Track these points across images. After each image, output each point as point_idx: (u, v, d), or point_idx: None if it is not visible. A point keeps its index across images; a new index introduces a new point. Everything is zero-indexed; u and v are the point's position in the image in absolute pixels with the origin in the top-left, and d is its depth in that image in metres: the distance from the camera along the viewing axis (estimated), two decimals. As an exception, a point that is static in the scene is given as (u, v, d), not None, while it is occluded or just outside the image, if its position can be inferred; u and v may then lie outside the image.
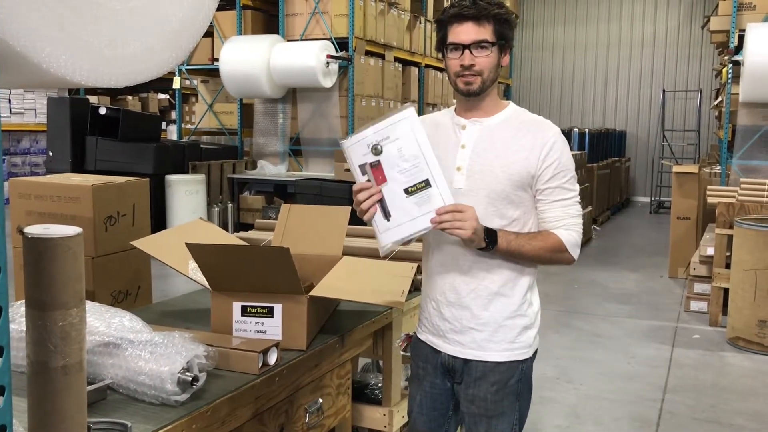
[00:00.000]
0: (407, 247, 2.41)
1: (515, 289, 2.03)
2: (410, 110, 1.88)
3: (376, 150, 1.85)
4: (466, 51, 1.95)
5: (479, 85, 1.98)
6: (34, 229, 1.26)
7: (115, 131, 8.47)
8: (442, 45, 2.02)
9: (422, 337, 2.20)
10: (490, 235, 1.93)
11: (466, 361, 2.07)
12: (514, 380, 2.06)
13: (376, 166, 1.86)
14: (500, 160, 1.98)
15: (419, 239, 2.10)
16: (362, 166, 1.86)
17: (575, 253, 2.02)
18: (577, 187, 2.05)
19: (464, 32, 1.95)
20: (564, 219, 2.00)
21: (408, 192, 1.85)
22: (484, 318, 2.03)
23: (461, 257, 2.03)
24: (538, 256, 2.00)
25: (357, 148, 1.87)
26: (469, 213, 1.87)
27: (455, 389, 2.14)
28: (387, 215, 1.86)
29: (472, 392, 2.07)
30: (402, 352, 2.94)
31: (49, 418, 1.31)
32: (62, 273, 1.26)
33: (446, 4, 12.26)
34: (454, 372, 2.11)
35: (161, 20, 1.79)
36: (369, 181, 1.86)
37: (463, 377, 2.09)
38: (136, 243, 2.38)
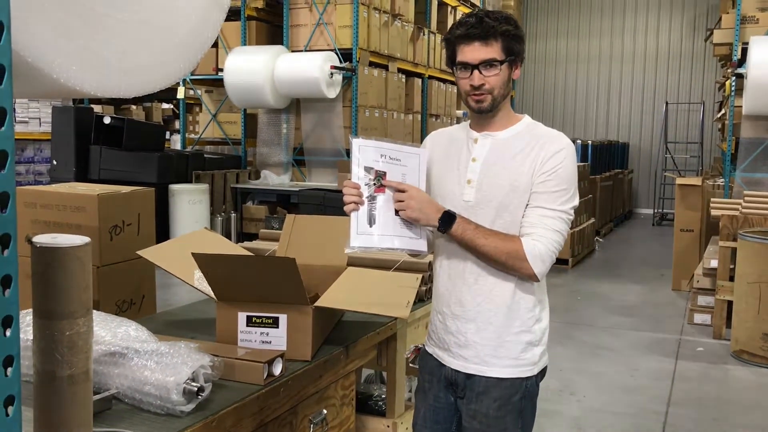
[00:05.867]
0: (412, 258, 2.41)
1: (521, 304, 2.00)
2: (425, 151, 2.05)
3: (388, 161, 1.95)
4: (475, 71, 1.93)
5: (490, 102, 1.97)
6: (42, 239, 1.26)
7: (119, 140, 8.49)
8: (452, 63, 2.02)
9: (429, 349, 2.19)
10: (450, 218, 1.92)
11: (469, 376, 2.05)
12: (518, 397, 2.02)
13: (383, 176, 1.93)
14: (508, 173, 1.96)
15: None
16: (368, 168, 1.92)
17: (537, 267, 1.91)
18: (569, 206, 1.95)
19: (472, 52, 1.93)
20: (536, 227, 1.92)
21: (398, 214, 1.93)
22: (488, 332, 2.01)
23: (467, 271, 2.01)
24: (492, 255, 1.92)
25: (370, 151, 1.94)
26: (410, 193, 1.92)
27: (458, 404, 2.12)
28: (371, 221, 1.91)
29: (474, 408, 2.04)
30: (411, 364, 2.93)
31: (55, 427, 1.31)
32: (70, 282, 1.26)
33: (449, 16, 12.27)
34: (457, 386, 2.09)
35: (169, 32, 1.80)
36: (367, 184, 1.91)
37: (466, 392, 2.07)
38: (142, 252, 2.39)
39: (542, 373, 2.10)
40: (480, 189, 1.98)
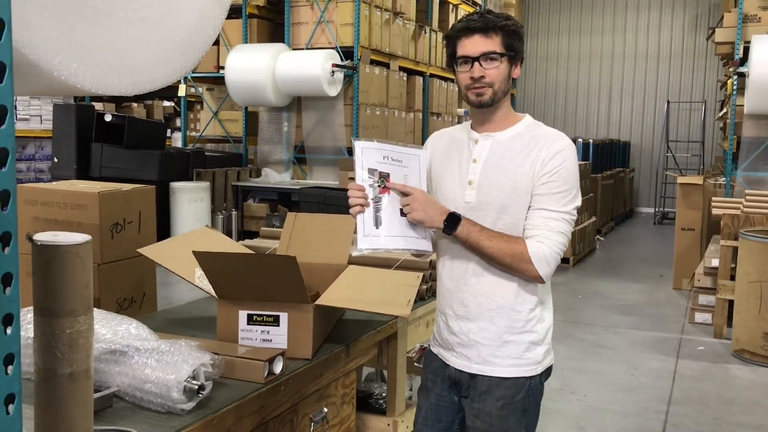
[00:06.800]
0: (414, 257, 2.41)
1: (523, 305, 2.00)
2: (424, 152, 2.08)
3: (390, 163, 1.97)
4: (476, 63, 1.94)
5: (490, 95, 1.97)
6: (42, 236, 1.26)
7: (120, 138, 8.49)
8: (452, 60, 2.02)
9: (434, 350, 2.19)
10: (455, 220, 1.93)
11: (473, 376, 2.05)
12: (521, 396, 2.03)
13: (386, 177, 1.95)
14: (508, 174, 1.96)
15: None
16: (372, 170, 1.94)
17: (542, 269, 1.92)
18: (571, 207, 1.95)
19: (472, 45, 1.95)
20: (540, 229, 1.92)
21: (403, 214, 1.95)
22: (491, 332, 2.01)
23: (470, 272, 2.02)
24: (497, 257, 1.93)
25: (372, 153, 1.95)
26: (414, 195, 1.94)
27: (462, 403, 2.12)
28: (377, 223, 1.92)
29: (478, 407, 2.05)
30: (416, 364, 2.94)
31: (56, 425, 1.31)
32: (70, 280, 1.26)
33: (451, 14, 12.28)
34: (461, 386, 2.09)
35: (170, 30, 1.80)
36: (371, 186, 1.92)
37: (470, 391, 2.07)
38: (142, 251, 2.39)
39: (547, 372, 2.10)
40: (480, 190, 1.99)
